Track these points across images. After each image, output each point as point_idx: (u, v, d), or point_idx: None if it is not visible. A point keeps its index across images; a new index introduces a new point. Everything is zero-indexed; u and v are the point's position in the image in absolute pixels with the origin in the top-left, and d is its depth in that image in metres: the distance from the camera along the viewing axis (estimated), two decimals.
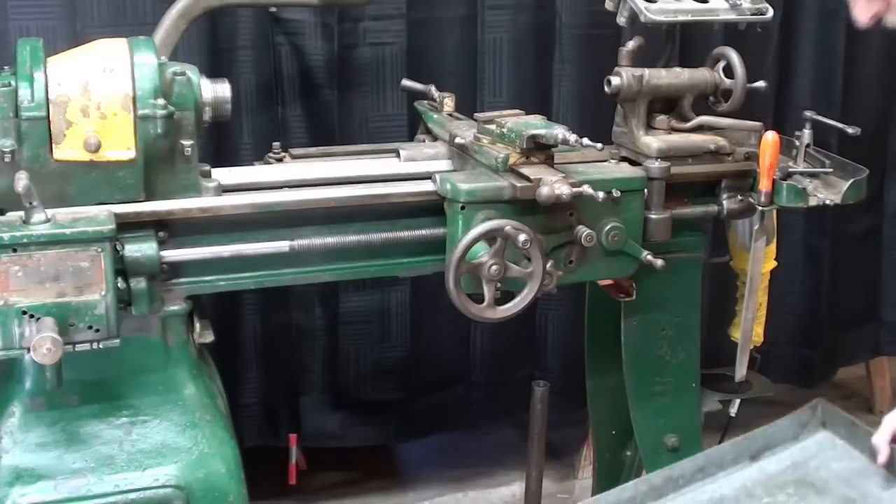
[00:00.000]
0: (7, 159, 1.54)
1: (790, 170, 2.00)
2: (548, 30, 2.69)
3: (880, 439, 1.69)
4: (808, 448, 1.82)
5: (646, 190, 1.89)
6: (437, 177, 1.84)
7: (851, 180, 1.98)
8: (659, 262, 1.87)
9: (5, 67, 1.67)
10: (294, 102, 2.55)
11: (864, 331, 3.26)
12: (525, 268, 1.75)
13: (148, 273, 1.61)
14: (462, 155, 1.93)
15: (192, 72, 1.67)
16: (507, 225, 1.70)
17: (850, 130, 2.07)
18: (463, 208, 1.76)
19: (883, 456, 1.68)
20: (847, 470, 1.75)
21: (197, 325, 1.76)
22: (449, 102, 2.14)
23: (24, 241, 1.47)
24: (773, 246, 2.10)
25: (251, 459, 1.73)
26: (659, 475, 1.75)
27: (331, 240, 1.77)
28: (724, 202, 2.01)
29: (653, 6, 1.96)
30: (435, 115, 2.14)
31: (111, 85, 1.58)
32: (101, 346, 1.53)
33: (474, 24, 2.65)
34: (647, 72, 1.96)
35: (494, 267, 1.71)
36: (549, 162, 1.86)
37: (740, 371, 2.14)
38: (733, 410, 2.26)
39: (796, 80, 2.95)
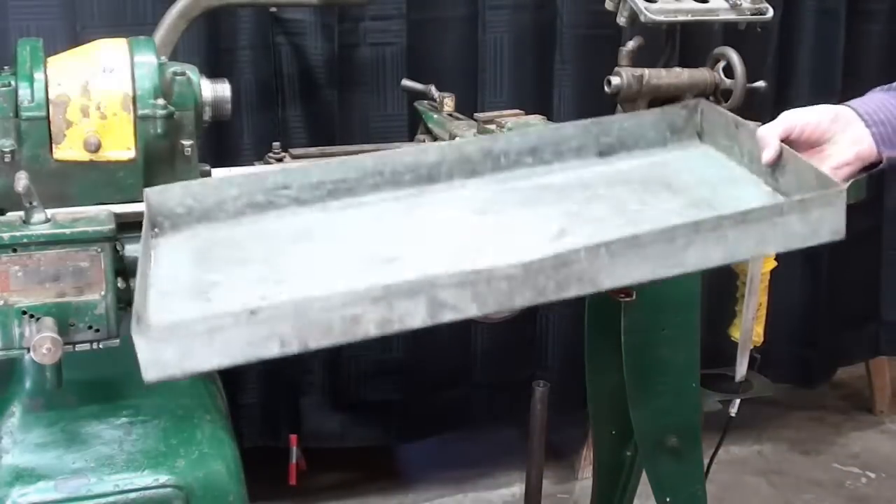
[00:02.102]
0: (7, 159, 1.54)
1: None
2: (548, 30, 2.69)
3: (769, 132, 1.40)
4: (672, 153, 1.54)
5: None
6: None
7: (851, 180, 1.97)
8: None
9: (5, 67, 1.67)
10: (294, 102, 2.55)
11: (863, 331, 3.26)
12: None
13: None
14: None
15: (192, 72, 1.67)
16: None
17: None
18: None
19: (771, 150, 1.39)
20: (716, 176, 1.47)
21: None
22: (449, 102, 2.14)
23: (24, 241, 1.47)
24: None
25: (251, 459, 1.73)
26: (475, 143, 1.53)
27: None
28: None
29: (653, 6, 1.96)
30: (435, 115, 2.14)
31: (111, 85, 1.58)
32: (101, 346, 1.53)
33: (475, 24, 2.65)
34: (647, 72, 1.96)
35: None
36: None
37: (740, 371, 2.14)
38: (733, 410, 2.25)
39: (796, 80, 2.95)
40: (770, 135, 1.40)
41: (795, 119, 1.41)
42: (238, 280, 1.31)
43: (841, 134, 1.42)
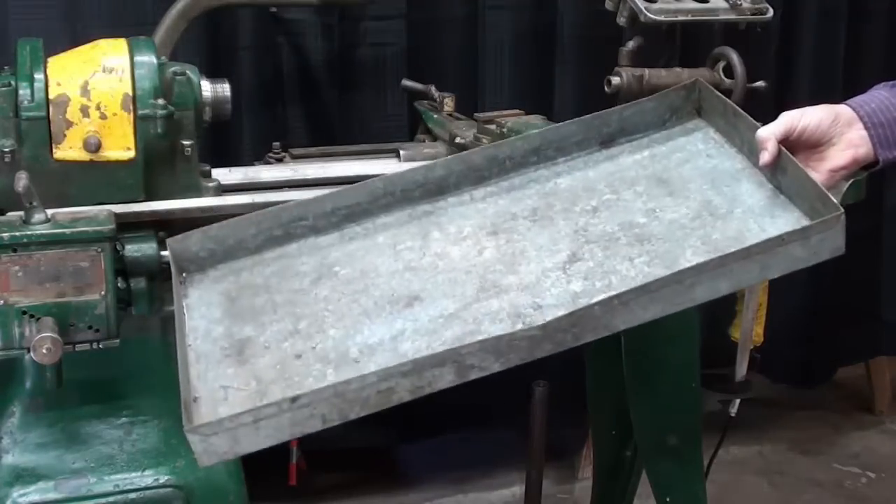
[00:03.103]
0: (7, 159, 1.54)
1: None
2: (548, 30, 2.69)
3: (768, 132, 1.38)
4: (673, 137, 1.54)
5: None
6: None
7: (851, 180, 1.97)
8: None
9: (5, 67, 1.67)
10: (294, 102, 2.55)
11: (864, 330, 3.26)
12: None
13: (148, 273, 1.61)
14: None
15: (192, 72, 1.67)
16: None
17: None
18: None
19: (768, 154, 1.37)
20: (716, 170, 1.48)
21: None
22: (449, 102, 2.14)
23: (24, 241, 1.47)
24: None
25: (251, 459, 1.73)
26: (480, 153, 1.53)
27: None
28: None
29: (653, 6, 1.96)
30: (435, 115, 2.15)
31: (111, 85, 1.58)
32: (101, 346, 1.53)
33: (475, 25, 2.65)
34: (647, 72, 1.96)
35: None
36: None
37: (740, 371, 2.14)
38: (733, 410, 2.25)
39: (796, 80, 2.95)
40: (769, 137, 1.38)
41: (795, 120, 1.40)
42: (269, 334, 1.37)
43: (840, 136, 1.41)
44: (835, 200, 1.30)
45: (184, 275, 1.45)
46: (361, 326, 1.35)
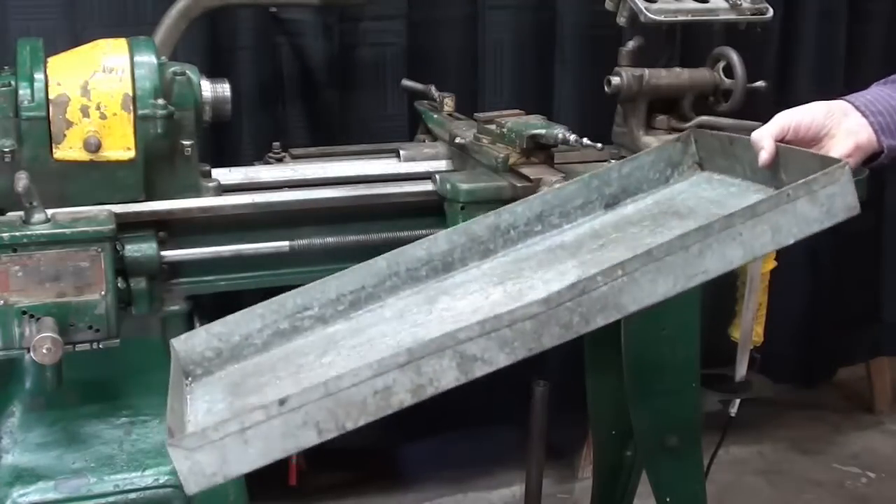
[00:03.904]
0: (7, 159, 1.54)
1: None
2: (548, 30, 2.69)
3: (763, 134, 1.37)
4: (677, 189, 1.52)
5: None
6: (437, 177, 1.84)
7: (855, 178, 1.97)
8: None
9: (5, 67, 1.67)
10: (294, 102, 2.55)
11: (864, 331, 3.26)
12: None
13: (148, 273, 1.61)
14: (462, 155, 1.93)
15: (192, 72, 1.67)
16: None
17: None
18: (463, 208, 1.76)
19: (766, 153, 1.37)
20: (723, 195, 1.45)
21: (197, 325, 1.76)
22: (449, 102, 2.14)
23: (24, 241, 1.47)
24: None
25: None
26: (481, 223, 1.49)
27: (331, 240, 1.77)
28: None
29: (653, 6, 1.96)
30: (435, 115, 2.15)
31: (111, 85, 1.58)
32: (101, 346, 1.53)
33: (475, 25, 2.65)
34: (647, 72, 1.96)
35: None
36: (550, 162, 1.86)
37: (740, 371, 2.14)
38: (733, 410, 2.25)
39: (796, 80, 2.95)
40: (764, 137, 1.37)
41: (789, 119, 1.39)
42: (270, 395, 1.28)
43: (837, 127, 1.40)
44: (836, 157, 1.27)
45: (189, 379, 1.37)
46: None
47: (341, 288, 1.45)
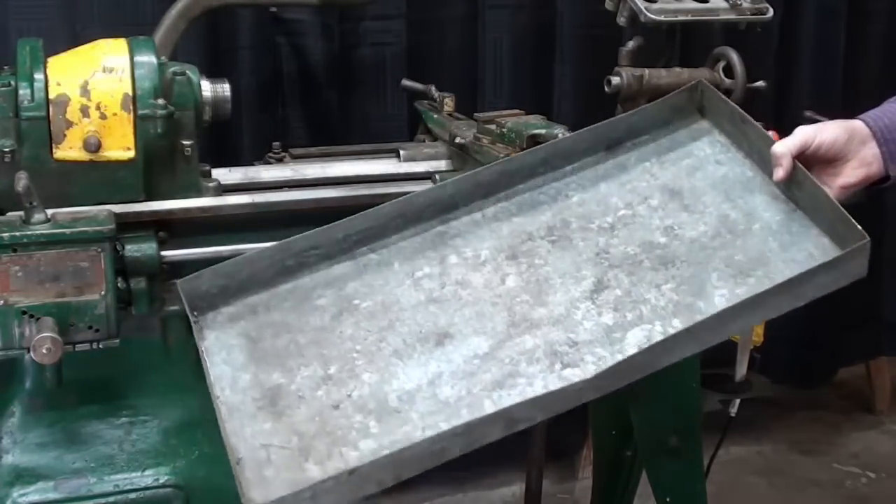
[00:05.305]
0: (7, 159, 1.54)
1: None
2: (548, 30, 2.69)
3: (784, 148, 1.39)
4: (679, 141, 1.54)
5: None
6: (437, 177, 1.84)
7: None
8: None
9: (5, 67, 1.67)
10: (294, 102, 2.55)
11: (864, 331, 3.26)
12: None
13: (148, 273, 1.61)
14: (462, 155, 1.93)
15: (192, 72, 1.67)
16: None
17: None
18: None
19: (783, 171, 1.38)
20: (728, 179, 1.48)
21: None
22: (449, 102, 2.14)
23: (24, 241, 1.47)
24: None
25: None
26: (489, 170, 1.52)
27: None
28: None
29: (653, 6, 1.96)
30: (435, 115, 2.14)
31: (111, 85, 1.58)
32: (101, 346, 1.53)
33: (474, 24, 2.65)
34: (647, 72, 1.96)
35: None
36: None
37: (740, 371, 2.13)
38: (733, 410, 2.25)
39: (796, 80, 2.95)
40: (784, 154, 1.39)
41: (811, 137, 1.40)
42: (300, 380, 1.33)
43: (854, 154, 1.42)
44: (859, 227, 1.35)
45: (195, 313, 1.40)
46: (395, 369, 1.33)
47: (348, 230, 1.46)
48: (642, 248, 1.43)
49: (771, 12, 2.04)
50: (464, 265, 1.45)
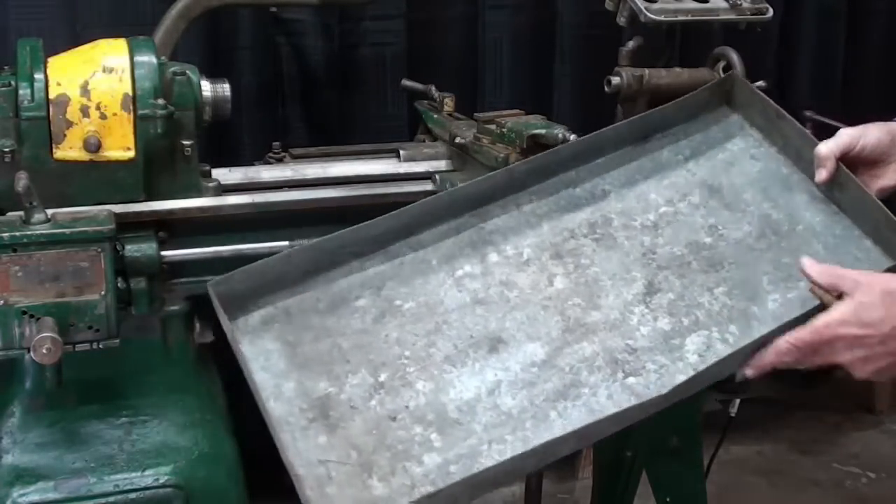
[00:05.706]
0: (7, 159, 1.54)
1: None
2: (548, 30, 2.69)
3: (828, 151, 1.39)
4: (711, 134, 1.53)
5: None
6: (437, 177, 1.84)
7: None
8: None
9: (5, 67, 1.67)
10: (294, 102, 2.55)
11: None
12: None
13: (148, 273, 1.61)
14: (462, 155, 1.93)
15: (192, 72, 1.67)
16: None
17: None
18: None
19: (826, 172, 1.39)
20: (764, 176, 1.48)
21: (197, 325, 1.76)
22: (449, 102, 2.14)
23: (24, 241, 1.47)
24: None
25: (251, 459, 1.73)
26: (527, 164, 1.48)
27: None
28: None
29: (653, 6, 1.96)
30: (435, 115, 2.14)
31: (111, 85, 1.58)
32: (100, 346, 1.53)
33: (474, 24, 2.65)
34: (647, 72, 1.96)
35: None
36: None
37: (740, 371, 2.13)
38: (733, 410, 2.26)
39: (796, 80, 2.95)
40: (829, 156, 1.39)
41: (855, 139, 1.41)
42: (350, 389, 1.27)
43: (894, 157, 1.43)
44: None
45: (226, 316, 1.31)
46: (450, 377, 1.29)
47: (380, 227, 1.40)
48: (689, 248, 1.42)
49: (771, 12, 2.04)
50: (506, 264, 1.40)
